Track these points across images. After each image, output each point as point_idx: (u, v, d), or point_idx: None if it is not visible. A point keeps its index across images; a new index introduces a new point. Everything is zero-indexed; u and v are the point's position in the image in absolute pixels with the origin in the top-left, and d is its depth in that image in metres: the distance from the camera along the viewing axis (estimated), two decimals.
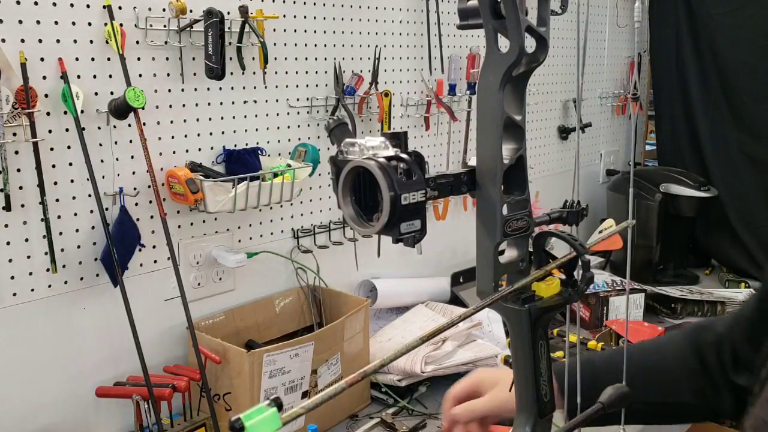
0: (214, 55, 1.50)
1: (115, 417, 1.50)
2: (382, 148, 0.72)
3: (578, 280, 0.84)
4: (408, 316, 2.01)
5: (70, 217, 1.41)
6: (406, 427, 1.57)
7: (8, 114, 1.27)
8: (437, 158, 2.25)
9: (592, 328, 2.13)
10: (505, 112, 0.74)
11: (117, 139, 1.46)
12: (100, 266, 1.45)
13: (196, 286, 1.64)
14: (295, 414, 0.52)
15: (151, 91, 1.50)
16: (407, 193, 0.68)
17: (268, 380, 1.46)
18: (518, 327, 0.82)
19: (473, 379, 1.18)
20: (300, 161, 1.75)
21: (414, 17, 2.10)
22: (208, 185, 1.53)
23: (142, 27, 1.46)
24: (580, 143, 2.98)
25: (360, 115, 1.94)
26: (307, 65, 1.82)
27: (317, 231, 1.91)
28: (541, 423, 0.85)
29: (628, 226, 0.95)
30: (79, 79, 1.38)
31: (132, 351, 1.38)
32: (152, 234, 1.54)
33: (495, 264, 0.78)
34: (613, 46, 3.00)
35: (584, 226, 1.01)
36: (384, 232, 0.70)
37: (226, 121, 1.65)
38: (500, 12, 0.71)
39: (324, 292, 1.85)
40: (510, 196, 0.77)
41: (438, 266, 2.26)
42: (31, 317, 1.38)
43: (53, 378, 1.42)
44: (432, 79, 2.14)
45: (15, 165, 1.32)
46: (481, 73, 0.74)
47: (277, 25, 1.72)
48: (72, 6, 1.36)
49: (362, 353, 1.70)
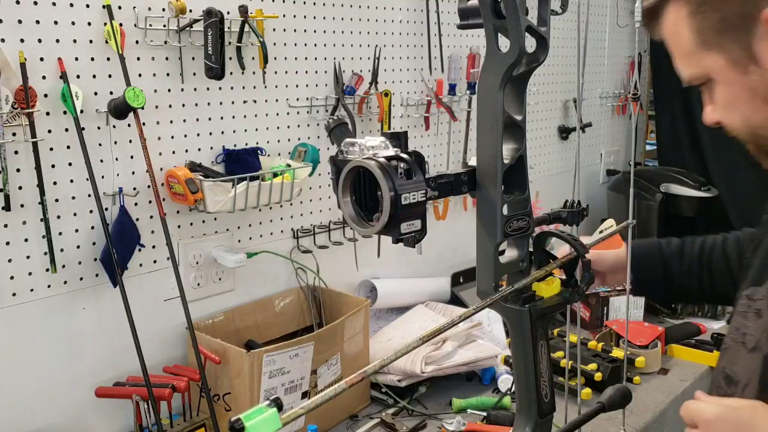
0: (213, 54, 1.50)
1: (114, 417, 1.50)
2: (382, 148, 0.72)
3: (579, 281, 0.84)
4: (408, 316, 2.00)
5: (70, 217, 1.41)
6: (406, 427, 1.57)
7: (8, 114, 1.27)
8: (437, 158, 2.25)
9: (592, 328, 2.13)
10: (506, 112, 0.74)
11: (117, 139, 1.45)
12: (99, 266, 1.45)
13: (196, 286, 1.64)
14: (295, 414, 0.52)
15: (151, 90, 1.50)
16: (407, 193, 0.68)
17: (268, 380, 1.45)
18: (518, 327, 0.82)
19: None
20: (300, 161, 1.75)
21: (414, 17, 2.09)
22: (207, 185, 1.52)
23: (142, 27, 1.46)
24: (581, 143, 2.96)
25: (360, 115, 1.94)
26: (307, 65, 1.82)
27: (317, 231, 1.90)
28: (541, 423, 0.85)
29: (628, 226, 0.95)
30: (79, 79, 1.38)
31: (132, 351, 1.37)
32: (152, 234, 1.54)
33: (495, 264, 0.78)
34: (613, 46, 3.00)
35: (584, 226, 1.01)
36: (384, 232, 0.70)
37: (225, 121, 1.65)
38: (501, 12, 0.71)
39: (324, 292, 1.85)
40: (510, 196, 0.77)
41: (438, 266, 2.26)
42: (31, 317, 1.38)
43: (53, 378, 1.42)
44: (432, 79, 2.14)
45: (14, 165, 1.32)
46: (482, 73, 0.74)
47: (277, 25, 1.72)
48: (71, 6, 1.36)
49: (362, 353, 1.70)
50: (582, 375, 1.67)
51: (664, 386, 1.79)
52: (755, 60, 0.86)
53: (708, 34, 0.89)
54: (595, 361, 1.74)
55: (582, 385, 1.64)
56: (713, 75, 0.91)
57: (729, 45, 0.88)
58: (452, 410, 1.65)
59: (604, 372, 1.70)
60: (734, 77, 0.89)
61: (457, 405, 1.65)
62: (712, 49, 0.89)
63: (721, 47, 0.89)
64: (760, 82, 0.87)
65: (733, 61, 0.88)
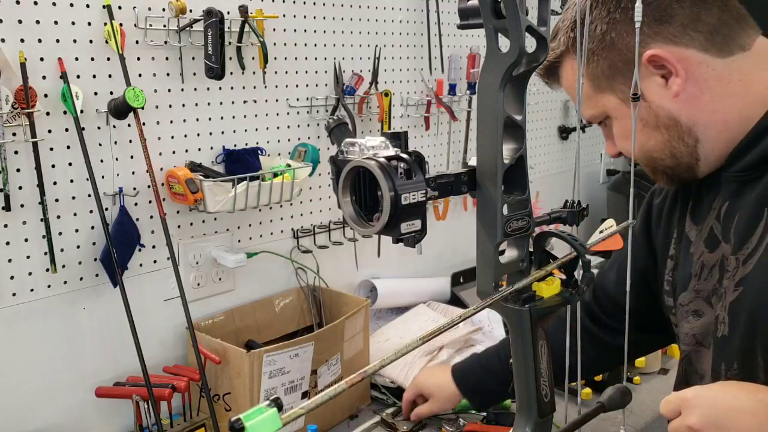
0: (213, 54, 1.50)
1: (114, 417, 1.50)
2: (382, 148, 0.72)
3: (579, 281, 0.84)
4: (408, 316, 2.00)
5: (70, 217, 1.41)
6: (406, 427, 1.57)
7: (8, 114, 1.27)
8: (437, 158, 2.25)
9: None
10: (506, 112, 0.74)
11: (117, 139, 1.46)
12: (99, 266, 1.45)
13: (196, 286, 1.64)
14: (295, 414, 0.52)
15: (151, 90, 1.50)
16: (407, 193, 0.68)
17: (268, 380, 1.45)
18: (518, 327, 0.82)
19: (415, 387, 1.56)
20: (300, 161, 1.75)
21: (414, 17, 2.09)
22: (207, 185, 1.52)
23: (142, 27, 1.46)
24: (581, 143, 2.97)
25: (360, 115, 1.94)
26: (307, 65, 1.82)
27: (317, 231, 1.90)
28: (541, 423, 0.85)
29: (628, 226, 0.95)
30: (79, 79, 1.38)
31: (132, 351, 1.37)
32: (152, 234, 1.54)
33: (495, 264, 0.78)
34: None
35: (584, 226, 1.01)
36: (384, 232, 0.70)
37: (225, 121, 1.65)
38: (501, 12, 0.71)
39: (324, 292, 1.85)
40: (510, 196, 0.77)
41: (438, 266, 2.26)
42: (31, 317, 1.38)
43: (53, 378, 1.42)
44: (432, 79, 2.14)
45: (14, 165, 1.32)
46: (482, 73, 0.74)
47: (277, 24, 1.72)
48: (71, 6, 1.36)
49: (362, 353, 1.70)
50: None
51: (664, 386, 1.79)
52: (642, 96, 1.00)
53: (600, 79, 1.04)
54: None
55: (582, 385, 1.64)
56: (610, 112, 1.06)
57: (619, 86, 1.03)
58: (452, 410, 1.65)
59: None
60: (627, 112, 1.03)
61: (457, 405, 1.65)
62: (605, 91, 1.04)
63: (614, 89, 1.03)
64: (648, 113, 1.02)
65: (624, 99, 1.03)
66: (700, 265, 1.09)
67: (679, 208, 1.18)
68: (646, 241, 1.26)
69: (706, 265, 1.08)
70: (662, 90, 1.00)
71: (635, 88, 0.87)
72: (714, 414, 0.85)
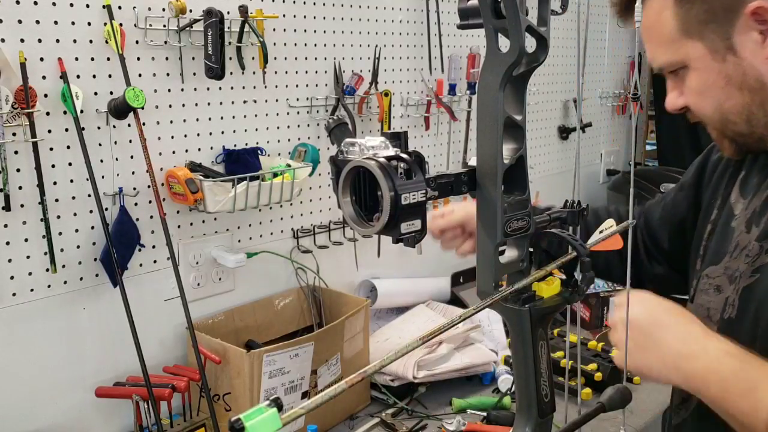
0: (213, 54, 1.50)
1: (114, 417, 1.50)
2: (382, 148, 0.72)
3: (579, 281, 0.84)
4: (408, 316, 2.00)
5: (70, 217, 1.41)
6: (405, 427, 1.57)
7: (8, 114, 1.27)
8: (437, 158, 2.25)
9: (592, 328, 2.13)
10: (506, 112, 0.74)
11: (117, 139, 1.45)
12: (99, 266, 1.45)
13: (196, 286, 1.64)
14: (295, 414, 0.52)
15: (151, 90, 1.50)
16: (407, 193, 0.68)
17: (268, 380, 1.45)
18: (518, 327, 0.82)
19: (457, 218, 1.41)
20: (300, 161, 1.75)
21: (414, 17, 2.09)
22: (207, 185, 1.52)
23: (142, 27, 1.46)
24: (581, 143, 2.97)
25: (360, 115, 1.94)
26: (307, 65, 1.81)
27: (317, 231, 1.90)
28: (541, 423, 0.85)
29: (628, 226, 0.95)
30: (79, 79, 1.38)
31: (132, 351, 1.37)
32: (152, 234, 1.54)
33: (495, 264, 0.78)
34: (613, 46, 3.00)
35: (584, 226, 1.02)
36: (384, 232, 0.70)
37: (225, 121, 1.65)
38: (501, 12, 0.71)
39: (324, 292, 1.85)
40: (510, 196, 0.77)
41: (438, 266, 2.26)
42: (31, 317, 1.38)
43: (53, 378, 1.42)
44: (432, 79, 2.14)
45: (14, 165, 1.32)
46: (481, 73, 0.74)
47: (277, 25, 1.72)
48: (71, 6, 1.36)
49: (362, 353, 1.70)
50: (582, 375, 1.67)
51: (664, 386, 1.77)
52: (733, 50, 0.93)
53: (692, 23, 0.95)
54: (595, 361, 1.74)
55: (582, 385, 1.64)
56: (690, 62, 0.98)
57: (710, 35, 0.94)
58: (452, 410, 1.65)
59: (604, 372, 1.70)
60: (712, 65, 0.95)
61: (457, 405, 1.65)
62: (693, 37, 0.96)
63: (703, 36, 0.95)
64: (735, 70, 0.94)
65: (712, 50, 0.95)
66: (736, 243, 1.06)
67: (729, 174, 1.13)
68: (694, 194, 1.22)
69: (739, 245, 1.05)
70: (758, 48, 0.92)
71: (635, 88, 0.87)
72: (650, 319, 0.92)
